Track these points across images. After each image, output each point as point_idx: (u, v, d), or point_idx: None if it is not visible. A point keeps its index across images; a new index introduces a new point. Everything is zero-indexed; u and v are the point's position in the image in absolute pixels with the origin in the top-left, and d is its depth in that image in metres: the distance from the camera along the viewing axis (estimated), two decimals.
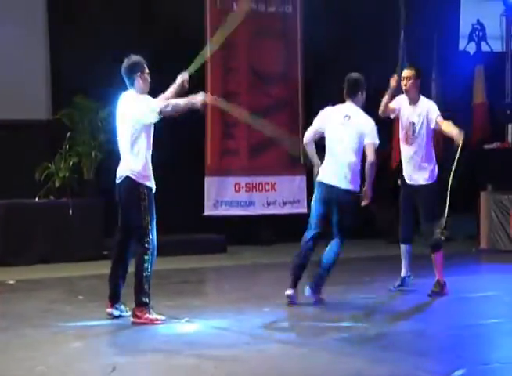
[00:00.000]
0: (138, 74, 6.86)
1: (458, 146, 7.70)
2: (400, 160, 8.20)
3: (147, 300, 6.61)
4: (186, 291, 8.53)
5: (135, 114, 6.71)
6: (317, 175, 7.55)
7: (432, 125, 7.84)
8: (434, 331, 6.58)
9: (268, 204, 12.29)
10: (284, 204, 12.34)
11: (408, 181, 7.98)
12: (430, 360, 5.58)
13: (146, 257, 6.59)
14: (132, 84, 6.87)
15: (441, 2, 13.51)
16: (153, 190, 6.84)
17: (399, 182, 8.12)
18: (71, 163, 10.72)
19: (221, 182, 12.10)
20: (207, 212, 11.95)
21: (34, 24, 11.37)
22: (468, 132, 13.44)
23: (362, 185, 7.54)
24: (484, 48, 14.14)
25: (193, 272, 9.94)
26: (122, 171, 6.79)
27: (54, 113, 11.01)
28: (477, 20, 14.09)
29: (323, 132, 7.61)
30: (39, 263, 10.14)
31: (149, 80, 6.95)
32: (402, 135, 7.99)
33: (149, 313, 6.61)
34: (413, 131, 7.83)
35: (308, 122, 11.43)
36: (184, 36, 11.28)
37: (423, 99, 7.97)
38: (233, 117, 11.23)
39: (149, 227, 6.67)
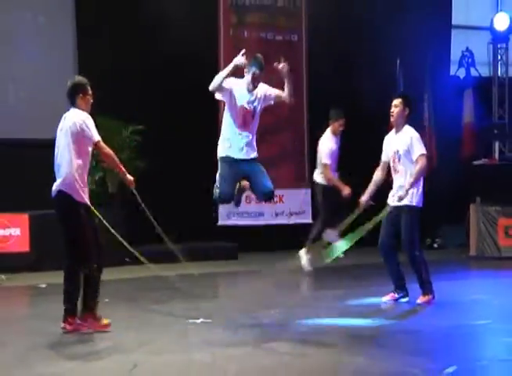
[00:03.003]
0: (80, 95, 6.58)
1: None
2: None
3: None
4: (201, 294, 8.50)
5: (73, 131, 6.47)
6: None
7: (414, 158, 7.46)
8: (427, 331, 6.54)
9: (277, 215, 12.28)
10: (291, 214, 12.34)
11: (390, 201, 7.66)
12: (423, 358, 5.55)
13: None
14: (74, 104, 6.59)
15: (434, 31, 13.52)
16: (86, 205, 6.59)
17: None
18: (97, 177, 10.73)
19: None
20: (220, 222, 11.96)
21: (63, 49, 11.41)
22: (458, 149, 13.62)
23: None
24: (473, 73, 14.13)
25: (207, 277, 9.92)
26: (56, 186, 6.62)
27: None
28: (467, 48, 14.10)
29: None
30: None
31: (91, 101, 6.67)
32: (391, 164, 7.65)
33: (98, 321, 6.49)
34: (398, 159, 7.53)
35: (312, 138, 11.55)
36: (199, 60, 11.33)
37: (407, 128, 7.63)
38: None
39: None
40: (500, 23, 13.73)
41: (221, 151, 7.00)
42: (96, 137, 6.53)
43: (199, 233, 11.38)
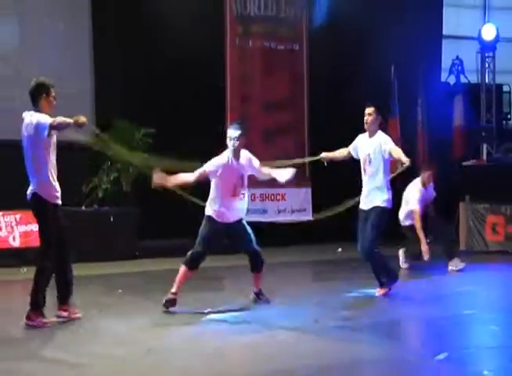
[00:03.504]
0: (44, 95, 6.26)
1: (404, 167, 7.23)
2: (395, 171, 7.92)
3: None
4: (207, 286, 8.51)
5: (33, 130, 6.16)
6: None
7: (386, 156, 7.41)
8: (419, 321, 6.57)
9: (279, 212, 12.29)
10: (292, 212, 12.34)
11: (364, 207, 7.55)
12: (417, 345, 5.58)
13: None
14: (37, 105, 6.26)
15: (426, 41, 13.55)
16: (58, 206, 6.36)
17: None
18: (112, 177, 10.75)
19: None
20: None
21: (80, 54, 11.43)
22: (449, 151, 13.64)
23: None
24: (463, 80, 14.14)
25: (213, 270, 9.93)
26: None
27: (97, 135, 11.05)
28: (457, 56, 14.10)
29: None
30: (85, 262, 10.15)
31: (53, 103, 6.32)
32: (361, 165, 7.60)
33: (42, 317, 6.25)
34: (369, 161, 7.47)
35: (314, 143, 11.57)
36: (207, 67, 11.36)
37: (380, 133, 7.55)
38: (252, 137, 11.33)
39: None
40: (488, 33, 13.78)
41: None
42: (49, 121, 6.10)
43: None
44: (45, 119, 6.14)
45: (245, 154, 6.95)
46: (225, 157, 6.85)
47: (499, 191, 11.51)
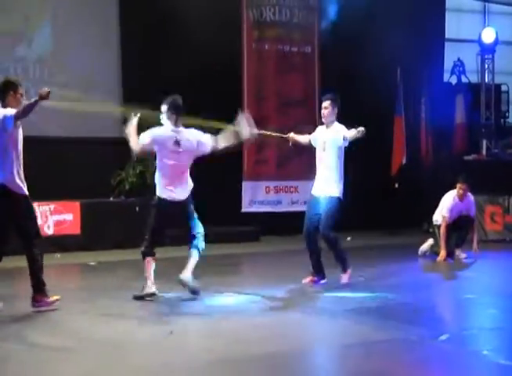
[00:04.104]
0: (11, 92, 5.97)
1: (360, 133, 6.86)
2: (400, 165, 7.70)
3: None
4: (227, 271, 8.53)
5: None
6: None
7: (341, 142, 7.16)
8: (421, 304, 6.49)
9: (293, 203, 12.28)
10: (305, 203, 12.26)
11: (316, 193, 7.35)
12: (419, 327, 5.53)
13: None
14: (4, 102, 5.97)
15: (430, 44, 13.49)
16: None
17: (396, 185, 7.89)
18: (138, 171, 10.79)
19: (255, 185, 12.13)
20: (244, 209, 11.98)
21: (108, 53, 11.45)
22: (451, 146, 13.59)
23: None
24: (464, 80, 14.08)
25: (233, 256, 9.95)
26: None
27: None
28: (458, 58, 14.06)
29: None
30: (114, 248, 10.21)
31: (21, 101, 5.98)
32: (317, 153, 7.42)
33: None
34: (324, 149, 7.29)
35: None
36: (226, 69, 11.33)
37: (336, 124, 7.37)
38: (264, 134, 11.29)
39: None
40: (487, 36, 13.73)
41: None
42: (12, 113, 5.82)
43: (225, 219, 11.40)
44: (10, 111, 5.87)
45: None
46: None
47: (497, 183, 11.45)
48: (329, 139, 7.27)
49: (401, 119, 12.65)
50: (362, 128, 6.90)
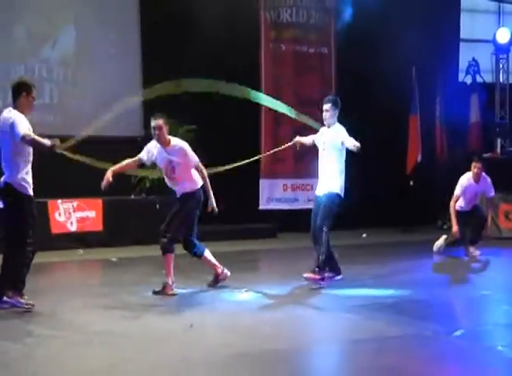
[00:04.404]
0: (24, 94, 5.85)
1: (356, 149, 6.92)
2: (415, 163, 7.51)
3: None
4: (245, 267, 8.50)
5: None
6: None
7: (339, 145, 7.14)
8: (435, 301, 6.45)
9: (309, 201, 12.20)
10: None
11: (318, 192, 7.35)
12: (434, 323, 5.48)
13: None
14: (15, 102, 5.86)
15: (445, 44, 13.39)
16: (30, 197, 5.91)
17: (411, 182, 7.81)
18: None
19: (272, 183, 12.11)
20: (261, 207, 11.96)
21: (130, 61, 11.45)
22: (466, 145, 13.49)
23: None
24: (479, 79, 13.96)
25: (250, 253, 9.94)
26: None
27: (145, 130, 11.12)
28: (473, 58, 13.93)
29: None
30: (134, 245, 10.23)
31: (33, 103, 5.91)
32: (319, 153, 7.40)
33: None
34: (324, 149, 7.28)
35: None
36: (243, 69, 11.31)
37: (337, 125, 7.33)
38: (281, 132, 11.29)
39: None
40: (502, 36, 13.63)
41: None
42: (21, 132, 5.63)
43: (243, 216, 11.39)
44: (22, 127, 5.67)
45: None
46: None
47: (511, 181, 11.34)
48: (329, 140, 7.30)
49: (416, 118, 12.58)
50: (358, 145, 6.91)
